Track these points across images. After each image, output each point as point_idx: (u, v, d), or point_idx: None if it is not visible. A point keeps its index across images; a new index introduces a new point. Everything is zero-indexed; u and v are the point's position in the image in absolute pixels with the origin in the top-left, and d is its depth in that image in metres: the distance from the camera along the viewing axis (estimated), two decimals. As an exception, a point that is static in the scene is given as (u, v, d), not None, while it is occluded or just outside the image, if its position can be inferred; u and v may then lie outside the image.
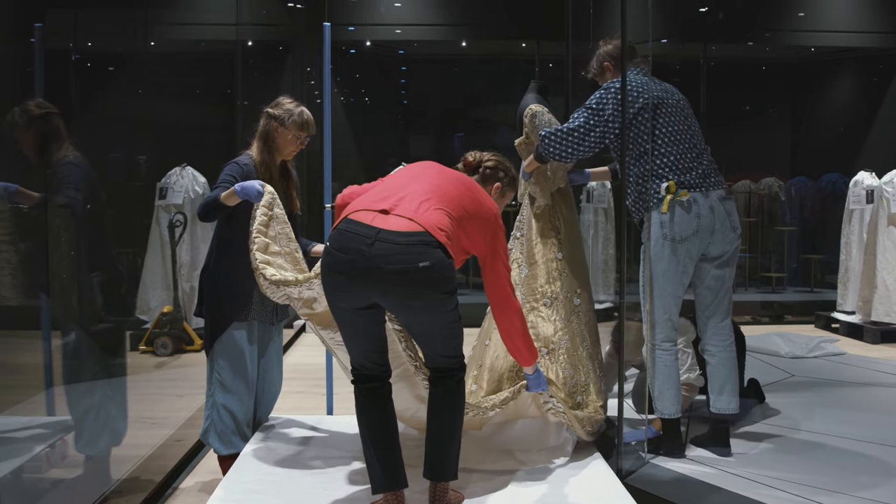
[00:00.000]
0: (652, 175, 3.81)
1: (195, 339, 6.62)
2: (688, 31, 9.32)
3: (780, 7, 9.25)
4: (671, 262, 3.79)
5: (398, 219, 2.90)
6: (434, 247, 2.84)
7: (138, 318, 6.85)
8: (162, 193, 7.02)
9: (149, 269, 6.92)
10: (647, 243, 3.85)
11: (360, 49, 9.57)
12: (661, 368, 3.89)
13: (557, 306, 4.01)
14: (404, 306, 2.92)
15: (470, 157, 3.53)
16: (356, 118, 9.77)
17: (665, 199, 3.76)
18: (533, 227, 4.15)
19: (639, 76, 3.91)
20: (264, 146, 3.86)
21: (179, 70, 6.36)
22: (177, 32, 6.44)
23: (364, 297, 2.91)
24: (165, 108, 5.89)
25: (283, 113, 3.84)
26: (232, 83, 7.12)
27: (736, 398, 3.95)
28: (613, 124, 3.82)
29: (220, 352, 3.75)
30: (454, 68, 10.28)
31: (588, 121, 3.83)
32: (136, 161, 6.20)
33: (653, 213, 3.83)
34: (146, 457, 4.05)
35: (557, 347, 3.95)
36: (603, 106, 3.83)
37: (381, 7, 9.13)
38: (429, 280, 2.83)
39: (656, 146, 3.82)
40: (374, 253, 2.82)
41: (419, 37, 9.38)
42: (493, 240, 3.16)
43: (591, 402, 3.95)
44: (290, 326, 8.01)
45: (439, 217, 2.94)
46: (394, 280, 2.82)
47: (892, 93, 9.48)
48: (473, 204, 3.10)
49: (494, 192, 3.48)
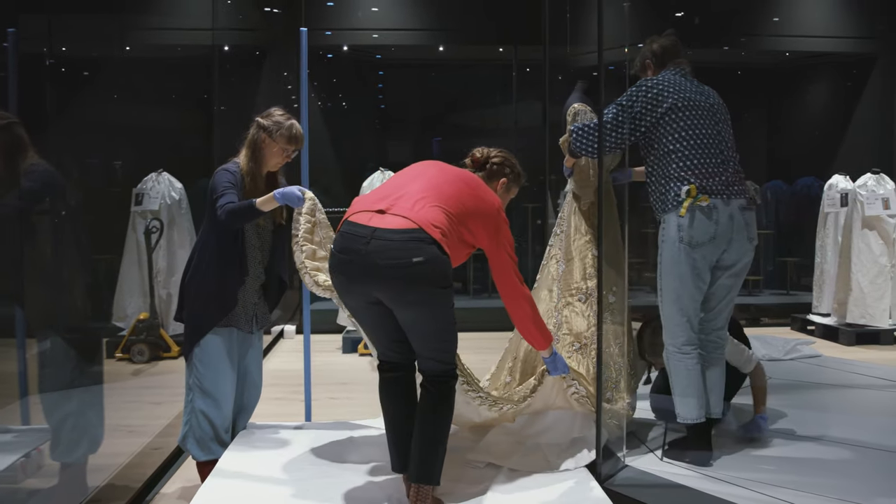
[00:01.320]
0: (674, 177, 3.78)
1: (172, 346, 6.58)
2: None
3: (755, 12, 9.31)
4: (686, 265, 3.76)
5: (394, 217, 3.02)
6: (428, 243, 2.95)
7: (115, 325, 6.80)
8: (138, 199, 6.96)
9: (125, 275, 6.86)
10: (662, 245, 3.84)
11: (338, 54, 9.56)
12: (682, 372, 3.85)
13: (592, 302, 4.05)
14: (400, 301, 3.01)
15: (477, 154, 3.61)
16: (333, 123, 9.74)
17: (685, 203, 3.73)
18: (572, 224, 4.21)
19: (675, 76, 3.90)
20: (252, 155, 3.84)
21: (156, 75, 6.32)
22: (153, 37, 6.40)
23: (366, 294, 3.05)
24: (141, 113, 5.85)
25: (272, 124, 3.83)
26: (209, 88, 7.08)
27: (722, 402, 3.96)
28: (642, 121, 3.82)
29: (199, 357, 3.73)
30: (431, 73, 10.29)
31: (617, 116, 3.82)
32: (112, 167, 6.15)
33: (670, 215, 3.80)
34: (124, 465, 4.02)
35: (590, 343, 4.00)
36: (633, 102, 3.82)
37: (359, 12, 9.12)
38: (422, 274, 2.93)
39: (681, 147, 3.78)
40: (370, 250, 2.96)
41: (396, 42, 9.38)
42: (496, 232, 3.27)
43: (620, 398, 3.98)
44: (268, 333, 7.97)
45: (435, 214, 3.04)
46: (389, 275, 2.94)
47: (866, 97, 9.57)
48: (473, 200, 3.21)
49: (500, 188, 3.57)
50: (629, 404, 4.05)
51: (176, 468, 4.20)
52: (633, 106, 3.82)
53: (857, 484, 3.62)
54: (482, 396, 3.65)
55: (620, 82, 3.95)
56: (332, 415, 4.87)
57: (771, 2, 9.34)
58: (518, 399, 3.73)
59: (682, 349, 3.84)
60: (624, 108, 3.83)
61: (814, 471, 3.79)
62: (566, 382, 3.69)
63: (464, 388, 3.54)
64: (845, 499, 3.39)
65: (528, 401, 3.72)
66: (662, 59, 4.02)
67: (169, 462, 4.24)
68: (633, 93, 3.85)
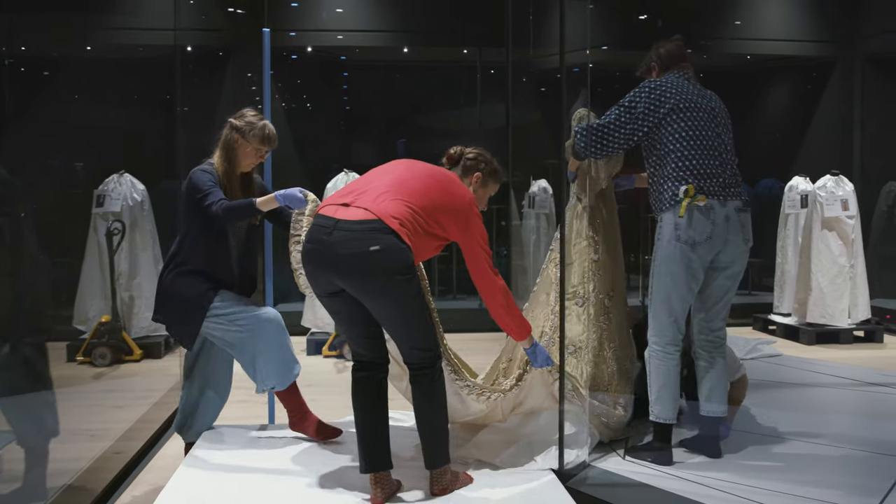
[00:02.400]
0: (672, 176, 3.83)
1: (135, 349, 6.52)
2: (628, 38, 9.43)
3: (717, 15, 9.40)
4: (681, 264, 3.80)
5: (356, 209, 3.20)
6: (386, 233, 3.12)
7: (76, 328, 6.72)
8: (99, 201, 6.89)
9: (86, 278, 6.79)
10: (658, 243, 3.88)
11: (302, 55, 9.52)
12: (662, 372, 3.89)
13: (588, 306, 4.13)
14: (362, 290, 3.17)
15: (451, 151, 3.72)
16: (297, 124, 9.70)
17: (683, 202, 3.77)
18: (573, 228, 4.26)
19: (679, 79, 3.96)
20: (225, 156, 3.89)
21: (117, 76, 6.27)
22: (115, 37, 6.34)
23: (330, 283, 3.22)
24: (103, 114, 5.80)
25: (245, 125, 3.89)
26: (171, 89, 7.03)
27: (725, 402, 4.00)
28: (644, 122, 3.87)
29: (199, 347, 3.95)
30: (396, 75, 10.28)
31: (619, 117, 3.89)
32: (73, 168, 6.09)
33: (666, 214, 3.84)
34: (84, 469, 3.98)
35: (584, 346, 4.08)
36: (635, 104, 3.89)
37: (323, 13, 9.09)
38: (380, 262, 3.09)
39: (681, 148, 3.84)
40: (332, 240, 3.14)
41: (361, 43, 9.35)
42: (467, 226, 3.39)
43: (615, 401, 4.04)
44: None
45: (395, 207, 3.20)
46: (348, 263, 3.12)
47: (826, 100, 9.70)
48: (442, 194, 3.35)
49: (475, 182, 3.66)
50: (622, 406, 4.07)
51: (138, 471, 4.16)
52: (636, 107, 3.88)
53: (818, 481, 3.67)
54: (469, 385, 3.73)
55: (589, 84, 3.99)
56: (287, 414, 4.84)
57: (733, 6, 9.44)
58: (505, 389, 3.77)
59: (665, 348, 3.89)
60: (627, 108, 3.90)
61: (775, 469, 3.83)
62: (552, 377, 3.73)
63: (451, 378, 3.65)
64: (807, 496, 3.44)
65: (515, 391, 3.75)
66: (667, 63, 4.08)
67: (131, 466, 4.20)
68: (636, 94, 3.92)
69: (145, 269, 6.96)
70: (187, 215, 3.83)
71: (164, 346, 6.72)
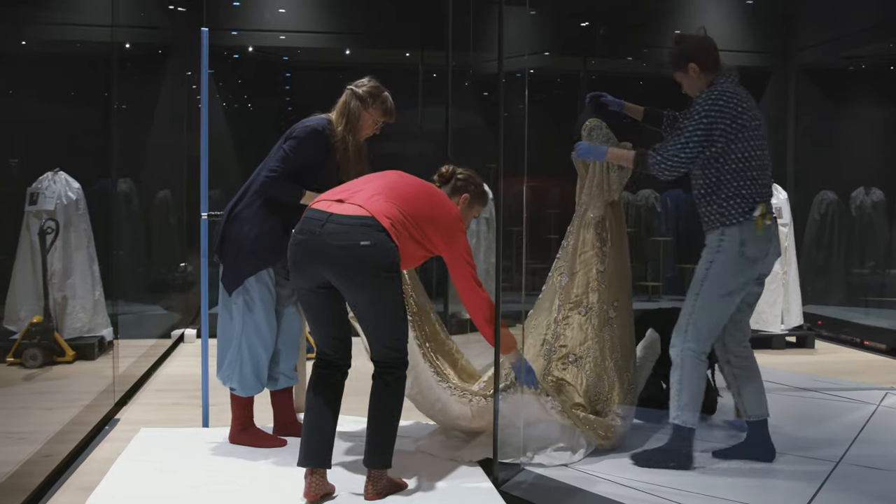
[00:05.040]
0: (742, 193, 3.80)
1: (67, 350, 6.39)
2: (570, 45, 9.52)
3: (658, 24, 9.53)
4: (739, 280, 3.84)
5: (350, 206, 3.37)
6: (377, 230, 3.29)
7: (6, 328, 6.57)
8: (33, 199, 6.73)
9: (18, 277, 6.63)
10: (716, 255, 3.86)
11: (244, 55, 9.44)
12: (696, 378, 3.92)
13: (591, 316, 4.17)
14: (348, 280, 3.33)
15: (443, 169, 3.90)
16: (238, 124, 9.61)
17: (759, 220, 3.76)
18: (580, 238, 4.29)
19: (740, 87, 3.89)
20: (347, 124, 3.92)
21: (53, 71, 6.15)
22: (50, 32, 6.22)
23: (317, 274, 3.37)
24: (38, 110, 5.69)
25: (367, 94, 3.95)
26: (108, 86, 6.91)
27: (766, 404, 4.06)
28: (721, 137, 3.78)
29: (255, 294, 3.98)
30: (339, 76, 10.23)
31: (697, 132, 3.79)
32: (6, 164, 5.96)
33: (730, 228, 3.81)
34: (10, 473, 3.88)
35: (585, 356, 4.12)
36: (713, 119, 3.77)
37: (266, 13, 9.03)
38: (368, 257, 3.27)
39: (753, 164, 3.80)
40: (324, 232, 3.31)
41: (304, 44, 9.31)
42: (452, 240, 3.56)
43: (611, 411, 4.08)
44: (167, 336, 7.82)
45: (388, 208, 3.37)
46: (338, 254, 3.28)
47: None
48: (429, 206, 3.52)
49: (462, 202, 3.83)
50: (621, 417, 4.11)
51: (68, 475, 4.07)
52: (716, 122, 3.76)
53: (747, 485, 3.74)
54: (451, 387, 3.87)
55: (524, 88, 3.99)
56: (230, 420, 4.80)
57: (673, 15, 9.57)
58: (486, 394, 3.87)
59: (700, 356, 3.91)
60: (706, 124, 3.77)
61: (705, 472, 3.89)
62: (541, 399, 3.81)
63: (435, 380, 3.84)
64: (734, 499, 3.50)
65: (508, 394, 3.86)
66: (712, 65, 3.94)
67: (60, 469, 4.12)
68: (711, 107, 3.78)
69: (79, 269, 6.83)
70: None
71: (97, 347, 6.60)
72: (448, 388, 3.85)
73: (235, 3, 8.88)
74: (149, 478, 3.57)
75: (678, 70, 4.02)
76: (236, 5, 8.90)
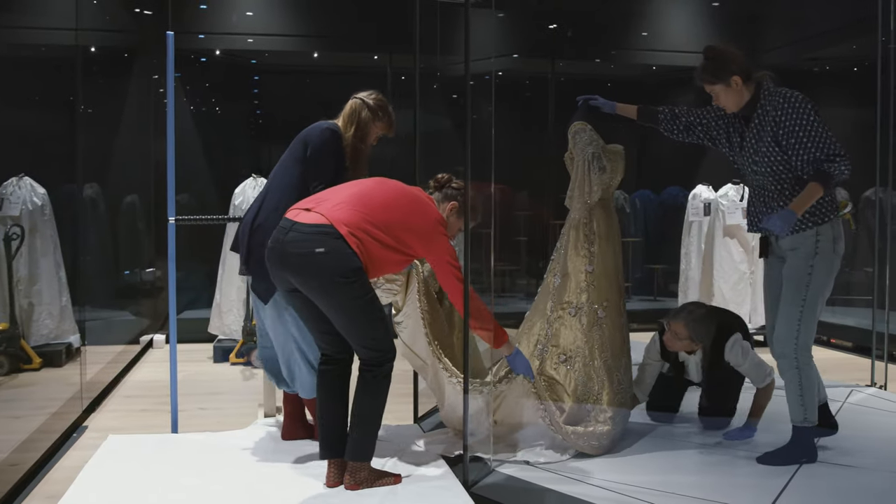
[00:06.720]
0: (829, 192, 3.81)
1: (34, 357, 6.33)
2: (538, 47, 9.55)
3: (625, 26, 9.60)
4: (832, 276, 3.86)
5: (313, 214, 3.47)
6: (334, 238, 3.37)
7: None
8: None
9: (-18, 284, 6.57)
10: (815, 258, 3.84)
11: (211, 58, 9.38)
12: (814, 378, 3.94)
13: (581, 316, 4.22)
14: (308, 287, 3.43)
15: (440, 176, 3.93)
16: (206, 128, 9.55)
17: (847, 217, 3.82)
18: (570, 240, 4.34)
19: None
20: (356, 132, 3.96)
21: (16, 75, 6.08)
22: (12, 35, 6.15)
23: (285, 279, 3.50)
24: (1, 115, 5.63)
25: (377, 106, 3.98)
26: (73, 90, 6.85)
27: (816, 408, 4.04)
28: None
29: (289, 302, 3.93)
30: (307, 79, 10.20)
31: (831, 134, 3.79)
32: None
33: (823, 227, 3.82)
34: (-25, 482, 3.85)
35: (575, 356, 4.17)
36: (826, 126, 3.78)
37: (233, 16, 8.98)
38: (323, 264, 3.35)
39: None
40: (286, 240, 3.42)
41: (271, 47, 9.27)
42: (430, 243, 3.63)
43: (601, 412, 4.11)
44: (135, 342, 7.76)
45: (349, 216, 3.44)
46: (296, 262, 3.39)
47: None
48: (403, 213, 3.58)
49: (449, 210, 3.86)
50: (611, 419, 4.12)
51: (35, 484, 4.03)
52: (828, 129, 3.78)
53: (713, 483, 3.78)
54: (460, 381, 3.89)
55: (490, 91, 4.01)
56: (200, 425, 4.78)
57: (640, 17, 9.64)
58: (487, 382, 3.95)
59: (811, 358, 3.93)
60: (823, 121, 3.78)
61: (671, 470, 3.92)
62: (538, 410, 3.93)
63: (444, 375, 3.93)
64: (700, 497, 3.53)
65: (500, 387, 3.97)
66: (751, 74, 4.00)
67: (27, 478, 4.07)
68: (812, 107, 3.81)
69: (45, 275, 6.75)
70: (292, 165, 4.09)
71: (65, 354, 6.53)
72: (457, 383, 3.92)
73: (202, 7, 8.82)
74: (117, 485, 3.54)
75: (719, 83, 4.05)
76: (203, 8, 8.84)
